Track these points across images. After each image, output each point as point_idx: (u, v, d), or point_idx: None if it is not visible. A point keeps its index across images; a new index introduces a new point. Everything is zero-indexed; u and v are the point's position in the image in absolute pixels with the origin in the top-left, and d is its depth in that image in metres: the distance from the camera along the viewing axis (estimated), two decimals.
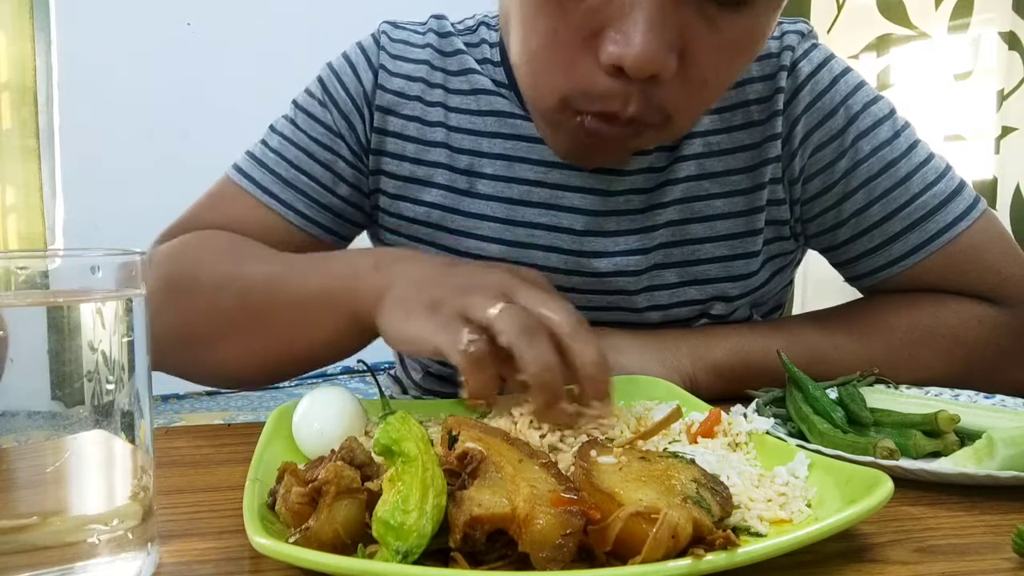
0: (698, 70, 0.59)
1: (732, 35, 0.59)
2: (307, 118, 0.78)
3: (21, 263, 0.34)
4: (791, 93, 0.75)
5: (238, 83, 2.80)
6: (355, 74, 0.78)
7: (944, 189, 0.74)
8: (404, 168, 0.78)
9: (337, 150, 0.78)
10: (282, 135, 0.78)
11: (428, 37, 0.80)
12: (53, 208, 2.81)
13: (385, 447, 0.38)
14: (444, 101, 0.78)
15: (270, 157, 0.77)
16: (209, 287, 0.67)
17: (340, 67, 0.79)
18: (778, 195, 0.76)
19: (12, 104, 2.73)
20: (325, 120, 0.78)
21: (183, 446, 0.58)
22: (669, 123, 0.63)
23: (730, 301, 0.78)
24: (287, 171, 0.77)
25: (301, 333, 0.63)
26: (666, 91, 0.59)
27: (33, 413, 0.34)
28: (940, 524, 0.42)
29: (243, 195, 0.76)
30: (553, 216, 0.76)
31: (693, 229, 0.76)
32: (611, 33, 0.56)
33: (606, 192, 0.75)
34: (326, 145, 0.77)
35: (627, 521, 0.34)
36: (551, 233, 0.76)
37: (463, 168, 0.77)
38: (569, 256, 0.76)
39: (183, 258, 0.71)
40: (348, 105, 0.78)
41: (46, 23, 2.79)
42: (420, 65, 0.79)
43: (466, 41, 0.81)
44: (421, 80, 0.78)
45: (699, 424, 0.53)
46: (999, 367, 0.74)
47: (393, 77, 0.78)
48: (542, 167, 0.76)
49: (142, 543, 0.36)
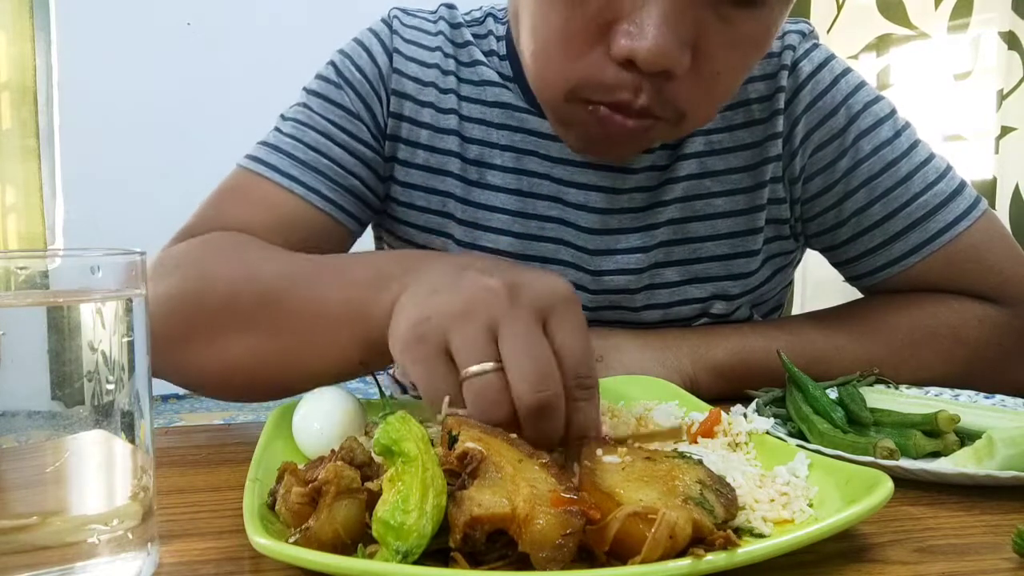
0: (711, 66, 0.59)
1: (745, 31, 0.59)
2: (322, 102, 0.76)
3: (21, 263, 0.34)
4: (792, 92, 0.75)
5: (238, 83, 2.80)
6: (370, 56, 0.77)
7: (945, 189, 0.74)
8: (419, 155, 0.77)
9: (356, 132, 0.75)
10: (296, 120, 0.76)
11: (440, 25, 0.80)
12: (53, 208, 2.81)
13: (385, 447, 0.38)
14: (457, 89, 0.77)
15: (286, 143, 0.74)
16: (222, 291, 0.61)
17: (353, 51, 0.77)
18: (779, 194, 0.77)
19: (12, 104, 2.73)
20: (343, 102, 0.75)
21: (183, 446, 0.58)
22: (683, 120, 0.62)
23: (730, 300, 0.78)
24: (306, 154, 0.74)
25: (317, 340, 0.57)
26: (679, 87, 0.59)
27: (33, 413, 0.34)
28: (940, 524, 0.42)
29: (261, 183, 0.72)
30: (561, 210, 0.76)
31: (694, 227, 0.77)
32: (624, 26, 0.56)
33: (612, 190, 0.76)
34: (344, 127, 0.75)
35: (625, 521, 0.34)
36: (560, 226, 0.76)
37: (473, 158, 0.77)
38: (576, 251, 0.76)
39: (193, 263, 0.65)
40: (365, 87, 0.76)
41: (46, 23, 2.79)
42: (434, 52, 0.78)
43: (474, 32, 0.80)
44: (436, 67, 0.77)
45: (699, 424, 0.53)
46: (1000, 367, 0.74)
47: (409, 62, 0.77)
48: (548, 162, 0.76)
49: (142, 543, 0.36)
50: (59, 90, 2.78)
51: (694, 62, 0.58)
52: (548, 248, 0.76)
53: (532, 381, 0.42)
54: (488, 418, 0.43)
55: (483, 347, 0.43)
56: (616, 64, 0.58)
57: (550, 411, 0.43)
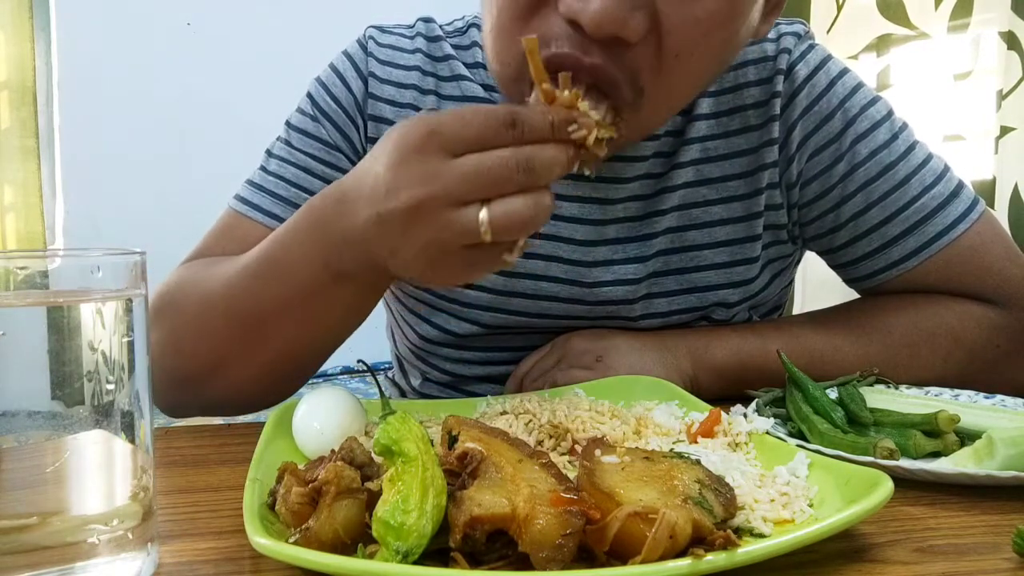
0: (672, 40, 0.57)
1: (707, 7, 0.57)
2: (301, 136, 0.77)
3: (21, 263, 0.34)
4: (788, 97, 0.75)
5: (238, 83, 2.80)
6: (344, 84, 0.77)
7: (943, 191, 0.74)
8: None
9: (335, 163, 0.76)
10: (279, 157, 0.77)
11: (417, 42, 0.79)
12: (53, 208, 2.81)
13: (385, 447, 0.38)
14: (437, 108, 0.77)
15: (269, 181, 0.76)
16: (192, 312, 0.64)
17: (328, 79, 0.78)
18: (776, 200, 0.76)
19: (12, 104, 2.73)
20: (320, 135, 0.77)
21: (183, 446, 0.58)
22: (642, 98, 0.59)
23: (730, 307, 0.78)
24: (287, 191, 0.75)
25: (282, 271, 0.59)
26: (636, 56, 0.56)
27: (33, 413, 0.34)
28: (940, 524, 0.42)
29: (246, 222, 0.75)
30: (552, 226, 0.75)
31: (692, 236, 0.76)
32: None
33: (604, 201, 0.75)
34: (323, 160, 0.76)
35: (625, 521, 0.34)
36: (551, 243, 0.75)
37: None
38: (569, 266, 0.76)
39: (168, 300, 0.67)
40: (341, 116, 0.77)
41: (46, 23, 2.79)
42: (411, 72, 0.78)
43: (455, 44, 0.80)
44: (413, 87, 0.77)
45: (699, 424, 0.53)
46: (999, 368, 0.74)
47: (384, 84, 0.77)
48: None
49: (142, 543, 0.36)
50: (59, 90, 2.78)
51: (652, 36, 0.56)
52: (539, 265, 0.75)
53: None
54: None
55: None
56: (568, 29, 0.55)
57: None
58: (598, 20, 0.53)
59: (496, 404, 0.59)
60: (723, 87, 0.75)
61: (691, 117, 0.75)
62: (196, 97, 2.75)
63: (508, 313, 0.77)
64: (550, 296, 0.76)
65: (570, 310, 0.76)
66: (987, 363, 0.73)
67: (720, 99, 0.75)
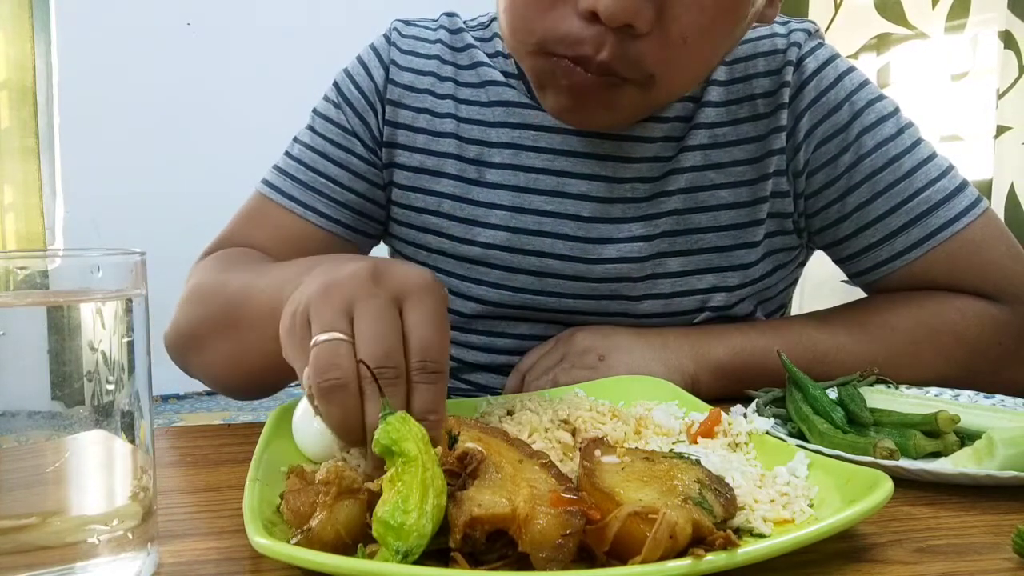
0: (679, 27, 0.61)
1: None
2: (324, 122, 0.81)
3: (21, 263, 0.34)
4: (796, 87, 0.76)
5: (238, 83, 2.80)
6: (367, 73, 0.81)
7: (947, 185, 0.74)
8: (415, 159, 0.80)
9: (351, 148, 0.80)
10: (303, 143, 0.81)
11: (439, 33, 0.83)
12: (53, 208, 2.81)
13: (385, 447, 0.38)
14: (454, 94, 0.80)
15: (292, 165, 0.80)
16: (204, 296, 0.71)
17: (354, 69, 0.82)
18: (782, 187, 0.77)
19: (12, 104, 2.73)
20: (340, 121, 0.80)
21: (183, 446, 0.59)
22: (652, 83, 0.64)
23: (731, 291, 0.78)
24: (306, 175, 0.80)
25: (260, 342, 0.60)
26: (645, 47, 0.61)
27: (33, 413, 0.34)
28: (940, 524, 0.43)
29: (269, 205, 0.80)
30: (559, 203, 0.77)
31: (697, 218, 0.77)
32: None
33: (612, 179, 0.77)
34: (340, 145, 0.80)
35: (625, 521, 0.34)
36: (557, 220, 0.77)
37: (472, 158, 0.79)
38: (575, 243, 0.77)
39: (198, 273, 0.76)
40: (362, 103, 0.80)
41: (46, 23, 2.79)
42: (431, 60, 0.81)
43: (477, 36, 0.83)
44: (432, 74, 0.81)
45: (699, 424, 0.53)
46: (1001, 366, 0.74)
47: (403, 71, 0.81)
48: (549, 155, 0.77)
49: (142, 543, 0.36)
50: (59, 90, 2.78)
51: (660, 23, 0.60)
52: (544, 243, 0.77)
53: (374, 354, 0.43)
54: (324, 376, 0.43)
55: (334, 320, 0.45)
56: (581, 19, 0.60)
57: (387, 383, 0.43)
58: (613, 10, 0.58)
59: (496, 404, 0.59)
60: (734, 77, 0.77)
61: (701, 103, 0.77)
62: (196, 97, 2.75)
63: (513, 290, 0.78)
64: (555, 273, 0.77)
65: (574, 288, 0.77)
66: (989, 361, 0.73)
67: (730, 88, 0.77)
